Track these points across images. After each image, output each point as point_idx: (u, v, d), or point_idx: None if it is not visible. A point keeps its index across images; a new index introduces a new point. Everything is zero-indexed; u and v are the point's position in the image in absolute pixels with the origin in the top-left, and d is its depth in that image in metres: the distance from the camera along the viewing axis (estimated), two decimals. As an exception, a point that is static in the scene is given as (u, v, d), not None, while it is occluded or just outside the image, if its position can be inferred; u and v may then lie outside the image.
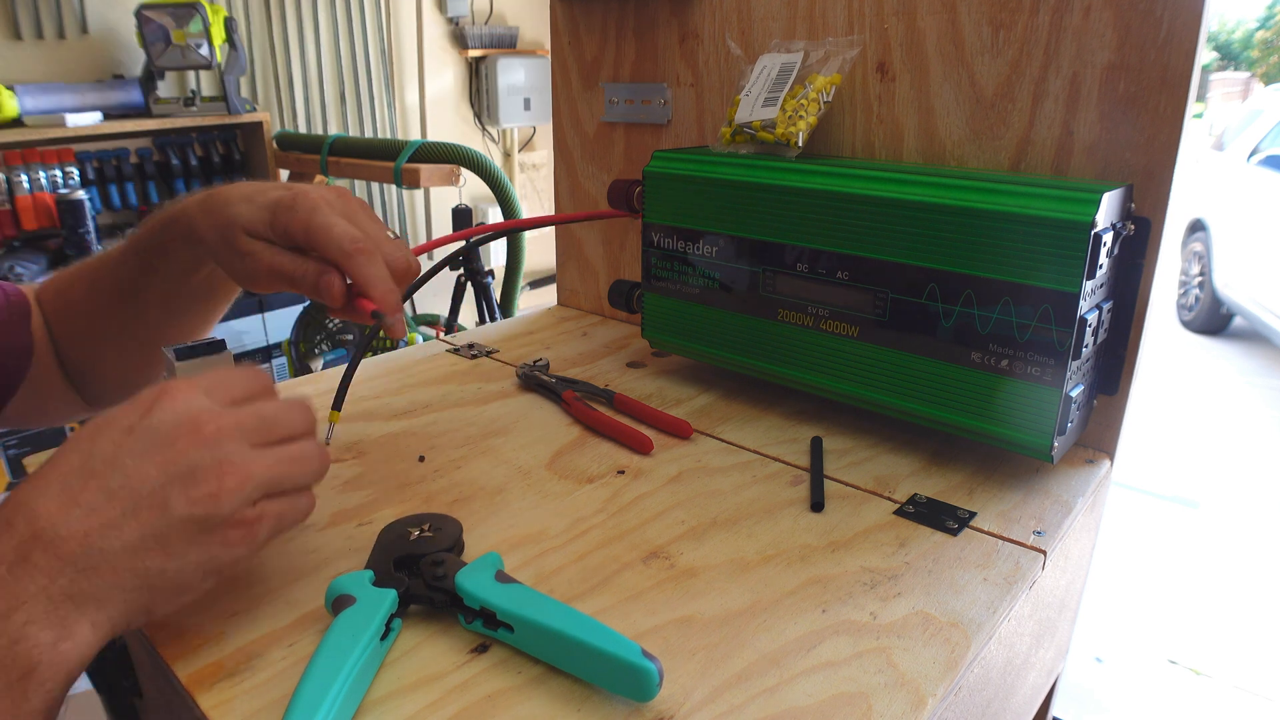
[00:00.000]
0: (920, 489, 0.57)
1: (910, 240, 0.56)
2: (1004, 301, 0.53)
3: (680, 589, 0.46)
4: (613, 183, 0.75)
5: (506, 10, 3.40)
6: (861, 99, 0.70)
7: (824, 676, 0.39)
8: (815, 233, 0.61)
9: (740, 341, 0.68)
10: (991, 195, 0.53)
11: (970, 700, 0.46)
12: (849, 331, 0.61)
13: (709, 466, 0.60)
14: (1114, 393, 0.61)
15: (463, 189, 2.93)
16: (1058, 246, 0.50)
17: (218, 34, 2.32)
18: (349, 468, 0.59)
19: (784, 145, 0.65)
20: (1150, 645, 1.97)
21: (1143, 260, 0.57)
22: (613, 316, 0.95)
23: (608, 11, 0.86)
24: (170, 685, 0.40)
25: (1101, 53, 0.57)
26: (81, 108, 2.24)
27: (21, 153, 2.19)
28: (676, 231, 0.69)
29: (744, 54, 0.76)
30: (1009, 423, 0.55)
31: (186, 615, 0.43)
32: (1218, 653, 1.94)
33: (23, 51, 2.27)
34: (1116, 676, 1.87)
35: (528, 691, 0.38)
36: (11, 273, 2.06)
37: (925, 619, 0.44)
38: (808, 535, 0.51)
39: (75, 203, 2.16)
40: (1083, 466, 0.61)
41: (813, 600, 0.45)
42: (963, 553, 0.50)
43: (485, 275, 2.37)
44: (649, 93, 0.84)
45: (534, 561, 0.48)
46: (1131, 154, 0.57)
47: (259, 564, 0.47)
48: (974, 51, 0.63)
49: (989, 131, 0.63)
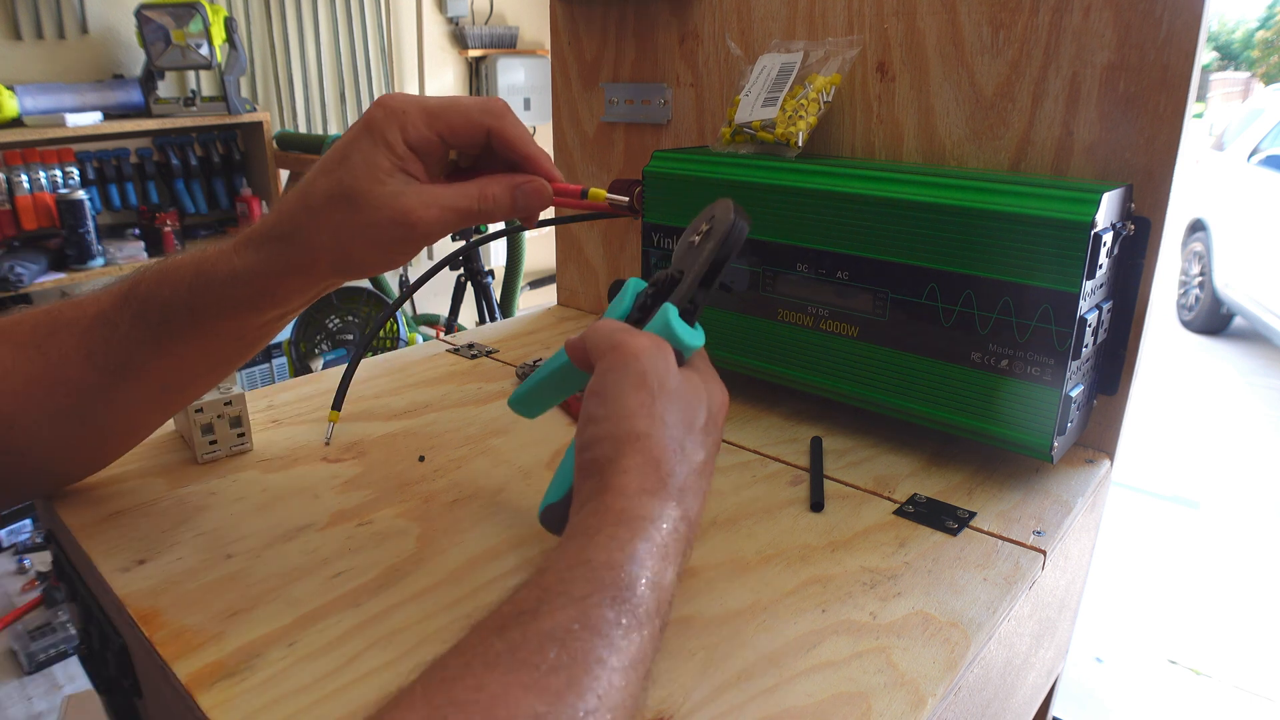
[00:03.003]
0: (920, 489, 0.57)
1: (910, 240, 0.56)
2: (1004, 301, 0.53)
3: (680, 589, 0.45)
4: (613, 183, 0.75)
5: (506, 10, 3.40)
6: (861, 99, 0.70)
7: (824, 676, 0.39)
8: (815, 233, 0.61)
9: (740, 341, 0.68)
10: (991, 195, 0.53)
11: (970, 700, 0.46)
12: (849, 331, 0.61)
13: (709, 466, 0.60)
14: (1114, 393, 0.61)
15: (463, 189, 2.93)
16: (1058, 246, 0.50)
17: (218, 34, 2.32)
18: (349, 468, 0.59)
19: (784, 145, 0.65)
20: (1150, 645, 1.97)
21: (1143, 260, 0.57)
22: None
23: (608, 11, 0.86)
24: (170, 685, 0.40)
25: (1101, 53, 0.57)
26: (81, 108, 2.24)
27: (21, 153, 2.19)
28: (676, 231, 0.69)
29: (744, 54, 0.76)
30: (1009, 423, 0.55)
31: (186, 615, 0.43)
32: (1218, 653, 1.94)
33: (23, 51, 2.27)
34: (1116, 676, 1.87)
35: (527, 691, 0.38)
36: (12, 273, 2.06)
37: (925, 619, 0.44)
38: (807, 535, 0.51)
39: (75, 203, 2.16)
40: (1083, 466, 0.61)
41: (813, 600, 0.45)
42: (963, 553, 0.50)
43: (485, 275, 2.37)
44: (649, 93, 0.84)
45: (534, 561, 0.48)
46: (1131, 154, 0.57)
47: (259, 564, 0.47)
48: (974, 51, 0.62)
49: (989, 131, 0.63)
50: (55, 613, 1.84)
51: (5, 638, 1.81)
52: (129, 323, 0.45)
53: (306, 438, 0.64)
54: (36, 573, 2.02)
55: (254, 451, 0.61)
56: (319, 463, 0.60)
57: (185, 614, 0.43)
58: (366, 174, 0.42)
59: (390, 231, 0.43)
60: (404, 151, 0.43)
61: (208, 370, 0.50)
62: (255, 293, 0.44)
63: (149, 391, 0.48)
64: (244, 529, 0.51)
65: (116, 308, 0.46)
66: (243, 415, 0.60)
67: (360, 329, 2.25)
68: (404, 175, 0.43)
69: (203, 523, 0.52)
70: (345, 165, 0.42)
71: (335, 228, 0.42)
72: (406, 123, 0.43)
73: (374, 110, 0.43)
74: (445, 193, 0.44)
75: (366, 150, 0.42)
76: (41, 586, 1.95)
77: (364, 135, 0.42)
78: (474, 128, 0.44)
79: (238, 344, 0.48)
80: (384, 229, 0.43)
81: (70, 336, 0.46)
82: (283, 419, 0.67)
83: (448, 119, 0.44)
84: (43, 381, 0.46)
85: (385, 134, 0.42)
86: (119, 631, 0.48)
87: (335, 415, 0.63)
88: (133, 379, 0.46)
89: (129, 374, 0.46)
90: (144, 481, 0.57)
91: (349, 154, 0.42)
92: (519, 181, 0.46)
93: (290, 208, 0.43)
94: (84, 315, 0.46)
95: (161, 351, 0.46)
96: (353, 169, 0.42)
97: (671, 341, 0.42)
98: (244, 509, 0.53)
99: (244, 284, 0.44)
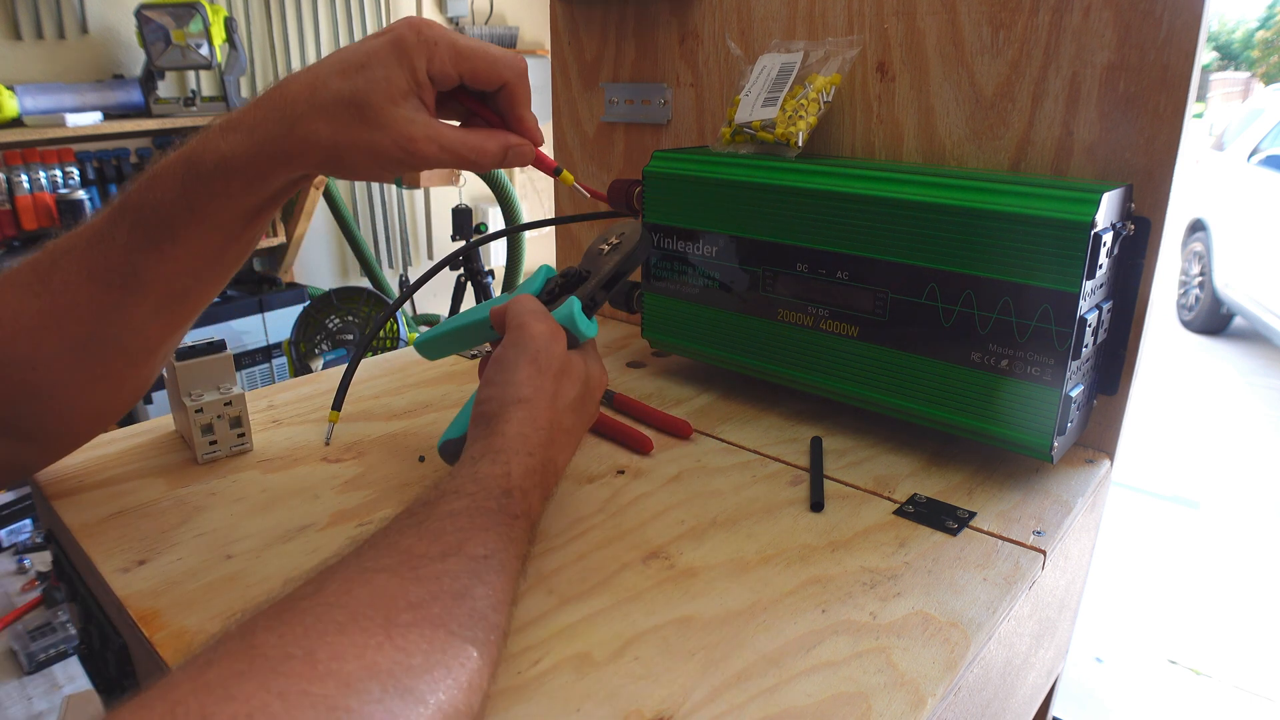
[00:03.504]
0: (920, 489, 0.57)
1: (910, 240, 0.56)
2: (1004, 301, 0.53)
3: (680, 589, 0.45)
4: (613, 183, 0.75)
5: (506, 10, 3.40)
6: (861, 99, 0.69)
7: (823, 676, 0.39)
8: (815, 233, 0.61)
9: (740, 341, 0.68)
10: (991, 195, 0.53)
11: (970, 700, 0.46)
12: (849, 331, 0.61)
13: (709, 466, 0.60)
14: (1114, 393, 0.61)
15: (463, 189, 2.93)
16: (1058, 246, 0.50)
17: (218, 34, 2.32)
18: (349, 468, 0.59)
19: (784, 145, 0.65)
20: (1150, 645, 1.96)
21: (1143, 260, 0.57)
22: (613, 316, 0.95)
23: (608, 11, 0.86)
24: (170, 685, 0.40)
25: (1101, 53, 0.57)
26: (81, 108, 2.24)
27: (21, 153, 2.19)
28: (676, 231, 0.69)
29: (744, 54, 0.76)
30: (1009, 423, 0.55)
31: (186, 615, 0.43)
32: (1218, 653, 1.94)
33: (23, 51, 2.27)
34: (1116, 676, 1.87)
35: (528, 691, 0.38)
36: (11, 273, 2.06)
37: (925, 619, 0.44)
38: (807, 535, 0.51)
39: (75, 203, 2.16)
40: (1083, 466, 0.61)
41: (812, 600, 0.45)
42: (962, 553, 0.50)
43: (485, 275, 2.37)
44: (649, 93, 0.84)
45: (534, 562, 0.48)
46: (1131, 154, 0.57)
47: (259, 564, 0.47)
48: (974, 51, 0.62)
49: (989, 131, 0.63)
50: (55, 613, 1.84)
51: (5, 638, 1.81)
52: (126, 233, 0.46)
53: (306, 438, 0.64)
54: (36, 573, 2.02)
55: (254, 451, 0.61)
56: (319, 463, 0.60)
57: (185, 614, 0.43)
58: (384, 91, 0.43)
59: (389, 151, 0.44)
60: (424, 80, 0.44)
61: (210, 272, 0.50)
62: (246, 178, 0.45)
63: (157, 301, 0.48)
64: (244, 529, 0.51)
65: (111, 222, 0.46)
66: (243, 415, 0.60)
67: (360, 329, 2.25)
68: (417, 101, 0.45)
69: (203, 523, 0.52)
70: (364, 74, 0.43)
71: (336, 130, 0.44)
72: (435, 54, 0.44)
73: (406, 30, 0.44)
74: (449, 134, 0.46)
75: (390, 68, 0.43)
76: (41, 586, 1.95)
77: (391, 52, 0.43)
78: (494, 78, 0.47)
79: (233, 239, 0.49)
80: (383, 148, 0.44)
81: (70, 263, 0.46)
82: (283, 419, 0.67)
83: (473, 63, 0.46)
84: (52, 313, 0.46)
85: (412, 58, 0.44)
86: (119, 631, 0.48)
87: (335, 415, 0.63)
88: (138, 291, 0.47)
89: (133, 286, 0.46)
90: (144, 482, 0.57)
91: (370, 64, 0.43)
92: (513, 144, 0.49)
93: (294, 95, 0.44)
94: (80, 240, 0.47)
95: (162, 256, 0.46)
96: (372, 81, 0.43)
97: (570, 328, 0.50)
98: (244, 509, 0.53)
99: (233, 169, 0.44)
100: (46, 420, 0.50)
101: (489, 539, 0.37)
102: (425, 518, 0.38)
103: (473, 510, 0.38)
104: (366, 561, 0.34)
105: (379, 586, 0.32)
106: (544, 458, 0.45)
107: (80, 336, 0.47)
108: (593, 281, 0.53)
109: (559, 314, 0.50)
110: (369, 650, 0.29)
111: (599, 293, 0.53)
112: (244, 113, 0.45)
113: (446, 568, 0.35)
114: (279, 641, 0.29)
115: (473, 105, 0.50)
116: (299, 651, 0.28)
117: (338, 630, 0.30)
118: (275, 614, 0.31)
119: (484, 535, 0.37)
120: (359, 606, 0.31)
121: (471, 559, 0.36)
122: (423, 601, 0.32)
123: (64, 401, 0.49)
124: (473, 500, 0.39)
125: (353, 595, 0.32)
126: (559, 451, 0.47)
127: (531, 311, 0.49)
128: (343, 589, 0.32)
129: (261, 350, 2.58)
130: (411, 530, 0.37)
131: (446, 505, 0.38)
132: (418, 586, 0.33)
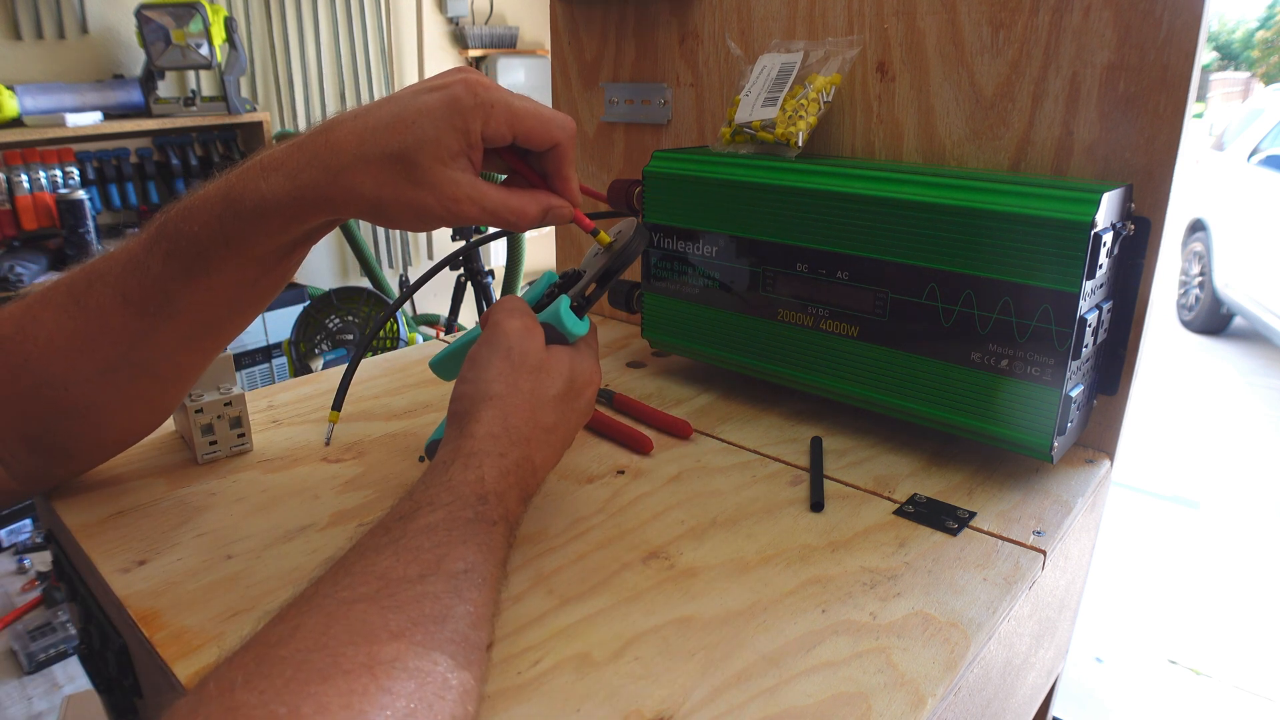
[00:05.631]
0: (920, 489, 0.57)
1: (910, 240, 0.56)
2: (1004, 301, 0.53)
3: (680, 589, 0.46)
4: (613, 183, 0.75)
5: (506, 10, 3.40)
6: (861, 99, 0.69)
7: (824, 677, 0.39)
8: (815, 233, 0.61)
9: (740, 341, 0.68)
10: (991, 195, 0.53)
11: (970, 700, 0.46)
12: (849, 331, 0.61)
13: (709, 466, 0.60)
14: (1114, 393, 0.61)
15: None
16: (1058, 246, 0.50)
17: (218, 34, 2.32)
18: (349, 468, 0.59)
19: (784, 145, 0.65)
20: (1150, 645, 1.96)
21: (1143, 260, 0.57)
22: (613, 316, 0.95)
23: (608, 11, 0.86)
24: (170, 685, 0.40)
25: (1101, 53, 0.57)
26: (81, 108, 2.24)
27: (21, 153, 2.19)
28: (676, 231, 0.69)
29: (744, 54, 0.76)
30: (1009, 423, 0.55)
31: (186, 615, 0.43)
32: (1218, 653, 1.94)
33: (23, 51, 2.27)
34: (1116, 676, 1.87)
35: (527, 692, 0.38)
36: (12, 273, 2.06)
37: (925, 619, 0.44)
38: (807, 535, 0.51)
39: (75, 203, 2.16)
40: (1083, 466, 0.61)
41: (812, 600, 0.45)
42: (962, 553, 0.50)
43: (485, 275, 2.37)
44: (649, 93, 0.84)
45: (534, 562, 0.48)
46: (1131, 154, 0.57)
47: (259, 564, 0.47)
48: (974, 51, 0.62)
49: (989, 131, 0.63)
50: (55, 613, 1.84)
51: (5, 638, 1.81)
52: (160, 262, 0.46)
53: (306, 438, 0.64)
54: (36, 573, 2.02)
55: (254, 452, 0.61)
56: (319, 463, 0.60)
57: (185, 614, 0.43)
58: (433, 152, 0.42)
59: (432, 210, 0.44)
60: (476, 141, 0.44)
61: (243, 303, 0.50)
62: (284, 219, 0.45)
63: (189, 329, 0.48)
64: (244, 529, 0.51)
65: (146, 250, 0.46)
66: (243, 415, 0.60)
67: (360, 329, 2.25)
68: (465, 162, 0.44)
69: (203, 523, 0.52)
70: (414, 131, 0.42)
71: (381, 185, 0.43)
72: (491, 116, 0.43)
73: (463, 92, 0.43)
74: (491, 196, 0.45)
75: (442, 129, 0.42)
76: (41, 586, 1.95)
77: (445, 113, 0.42)
78: (546, 139, 0.46)
79: (267, 271, 0.48)
80: (427, 206, 0.43)
81: (105, 287, 0.46)
82: (283, 419, 0.67)
83: (527, 124, 0.45)
84: (85, 335, 0.46)
85: (467, 120, 0.43)
86: (119, 631, 0.48)
87: (335, 415, 0.63)
88: (170, 319, 0.47)
89: (165, 314, 0.47)
90: (144, 482, 0.57)
91: (421, 122, 0.42)
92: (554, 205, 0.48)
93: (339, 144, 0.43)
94: (115, 264, 0.47)
95: (196, 287, 0.46)
96: (423, 140, 0.42)
97: (558, 326, 0.50)
98: (244, 509, 0.53)
99: (272, 210, 0.44)
100: (77, 437, 0.51)
101: (467, 552, 0.37)
102: (401, 534, 0.37)
103: (449, 522, 0.38)
104: (343, 591, 0.33)
105: (358, 619, 0.32)
106: (519, 456, 0.44)
107: (112, 359, 0.47)
108: (584, 280, 0.53)
109: (546, 312, 0.50)
110: (354, 698, 0.29)
111: (591, 290, 0.53)
112: (287, 153, 0.44)
113: (426, 589, 0.34)
114: (260, 700, 0.28)
115: (515, 163, 0.49)
116: (283, 709, 0.28)
117: (321, 679, 0.29)
118: (254, 665, 0.30)
119: (462, 549, 0.37)
120: (339, 647, 0.30)
121: (451, 576, 0.35)
122: (404, 630, 0.32)
123: (95, 421, 0.50)
124: (449, 511, 0.38)
125: (331, 634, 0.31)
126: (537, 449, 0.46)
127: (507, 309, 0.49)
128: (320, 627, 0.31)
129: (261, 350, 2.58)
130: (389, 549, 0.36)
131: (423, 519, 0.38)
132: (397, 615, 0.32)
